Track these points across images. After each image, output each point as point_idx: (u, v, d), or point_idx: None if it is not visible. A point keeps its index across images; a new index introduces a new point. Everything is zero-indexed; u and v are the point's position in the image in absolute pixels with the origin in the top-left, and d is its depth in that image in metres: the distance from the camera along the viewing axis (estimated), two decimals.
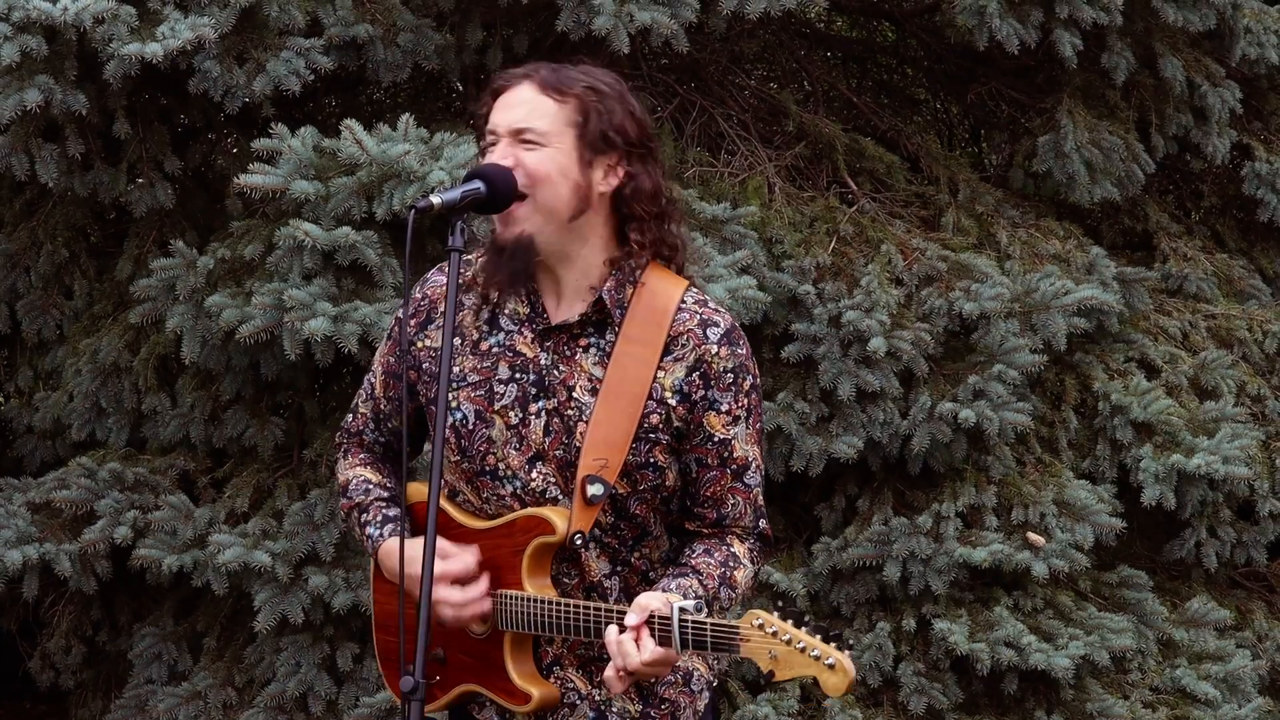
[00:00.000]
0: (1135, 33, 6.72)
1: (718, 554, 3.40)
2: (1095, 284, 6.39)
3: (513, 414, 3.38)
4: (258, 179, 5.63)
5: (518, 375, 3.39)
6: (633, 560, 3.43)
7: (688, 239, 3.51)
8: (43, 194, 6.40)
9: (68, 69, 5.70)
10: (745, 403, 3.40)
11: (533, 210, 3.32)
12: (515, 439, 3.38)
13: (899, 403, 6.10)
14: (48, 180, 5.95)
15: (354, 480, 3.59)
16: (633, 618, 3.19)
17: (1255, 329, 6.91)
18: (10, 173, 5.95)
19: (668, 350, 3.36)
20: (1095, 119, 6.72)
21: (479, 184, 3.29)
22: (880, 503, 6.19)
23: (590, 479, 3.31)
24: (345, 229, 5.53)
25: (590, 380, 3.36)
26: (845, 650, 3.07)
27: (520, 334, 3.40)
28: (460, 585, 3.36)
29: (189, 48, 5.63)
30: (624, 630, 3.19)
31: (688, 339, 3.36)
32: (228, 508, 6.00)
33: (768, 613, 3.11)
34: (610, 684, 3.24)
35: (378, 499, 3.54)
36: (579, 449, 3.33)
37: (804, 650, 3.08)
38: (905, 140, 7.07)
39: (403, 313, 3.45)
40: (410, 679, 3.11)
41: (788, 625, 3.09)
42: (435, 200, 3.24)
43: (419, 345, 3.48)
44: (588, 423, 3.34)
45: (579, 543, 3.34)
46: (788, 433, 5.99)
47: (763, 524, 3.47)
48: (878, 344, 5.94)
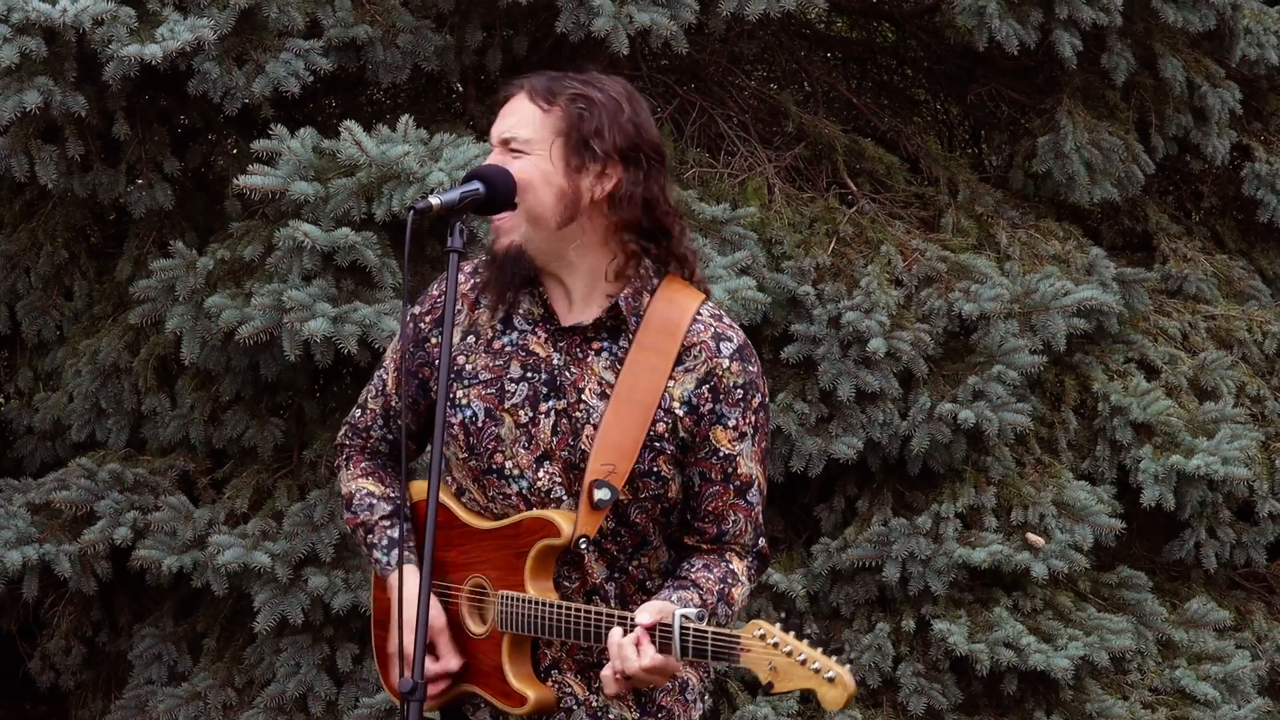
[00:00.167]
0: (1135, 33, 6.72)
1: (716, 570, 3.39)
2: (1095, 285, 6.39)
3: (522, 413, 3.38)
4: (257, 180, 5.62)
5: (529, 374, 3.39)
6: (630, 568, 3.42)
7: (698, 252, 3.51)
8: (42, 195, 6.39)
9: (67, 70, 5.70)
10: (753, 420, 3.39)
11: (520, 218, 3.32)
12: (524, 438, 3.37)
13: (898, 403, 6.10)
14: (47, 181, 5.94)
15: (357, 495, 3.58)
16: (645, 616, 3.19)
17: (1255, 330, 6.91)
18: (10, 174, 5.94)
19: (680, 360, 3.35)
20: (1095, 119, 6.72)
21: (478, 185, 3.29)
22: (880, 503, 6.19)
23: (598, 484, 3.31)
24: (345, 230, 5.53)
25: (600, 384, 3.36)
26: (846, 665, 3.07)
27: (534, 334, 3.40)
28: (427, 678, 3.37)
29: (188, 49, 5.63)
30: (633, 628, 3.18)
31: (700, 351, 3.36)
32: (227, 508, 6.00)
33: (769, 624, 3.11)
34: (605, 683, 3.24)
35: (382, 517, 3.53)
36: (584, 451, 3.33)
37: (804, 663, 3.08)
38: (905, 141, 7.07)
39: (403, 313, 3.45)
40: (409, 679, 3.11)
41: (789, 637, 3.09)
42: (434, 201, 3.24)
43: (433, 342, 3.47)
44: (595, 425, 3.33)
45: (583, 546, 3.33)
46: (787, 433, 5.99)
47: (761, 542, 3.47)
48: (877, 345, 5.94)
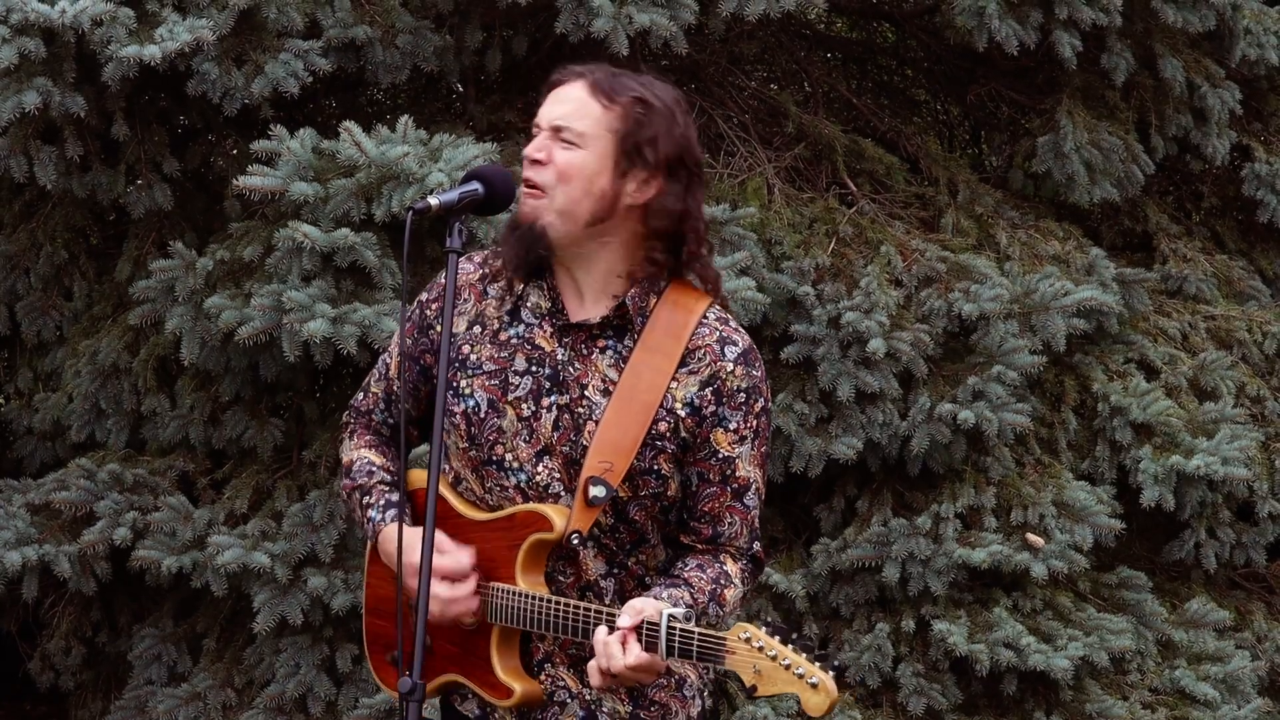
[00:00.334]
0: (1135, 33, 6.72)
1: (710, 570, 3.39)
2: (1095, 285, 6.39)
3: (525, 406, 3.38)
4: (257, 181, 5.63)
5: (534, 368, 3.39)
6: (629, 565, 3.43)
7: (717, 272, 3.49)
8: (42, 196, 6.39)
9: (66, 71, 5.70)
10: (754, 424, 3.40)
11: (550, 207, 3.32)
12: (525, 431, 3.38)
13: (898, 404, 6.10)
14: (46, 182, 5.95)
15: (358, 461, 3.59)
16: (625, 620, 3.19)
17: (1255, 330, 6.91)
18: (9, 175, 5.95)
19: (684, 362, 3.36)
20: (1095, 120, 6.72)
21: (477, 185, 3.30)
22: (879, 504, 6.19)
23: (593, 480, 3.32)
24: (344, 231, 5.53)
25: (604, 381, 3.36)
26: (830, 670, 3.06)
27: (540, 328, 3.41)
28: (450, 582, 3.36)
29: (187, 50, 5.63)
30: (614, 631, 3.19)
31: (704, 354, 3.36)
32: (227, 509, 6.00)
33: (756, 627, 3.10)
34: (591, 676, 3.24)
35: (380, 482, 3.54)
36: (585, 447, 3.34)
37: (788, 667, 3.08)
38: (905, 141, 7.07)
39: (402, 313, 3.45)
40: (408, 680, 3.11)
41: (774, 641, 3.08)
42: (433, 202, 3.25)
43: (438, 329, 3.47)
44: (596, 422, 3.34)
45: (575, 542, 3.34)
46: (787, 434, 5.99)
47: (756, 546, 3.47)
48: (877, 345, 5.94)
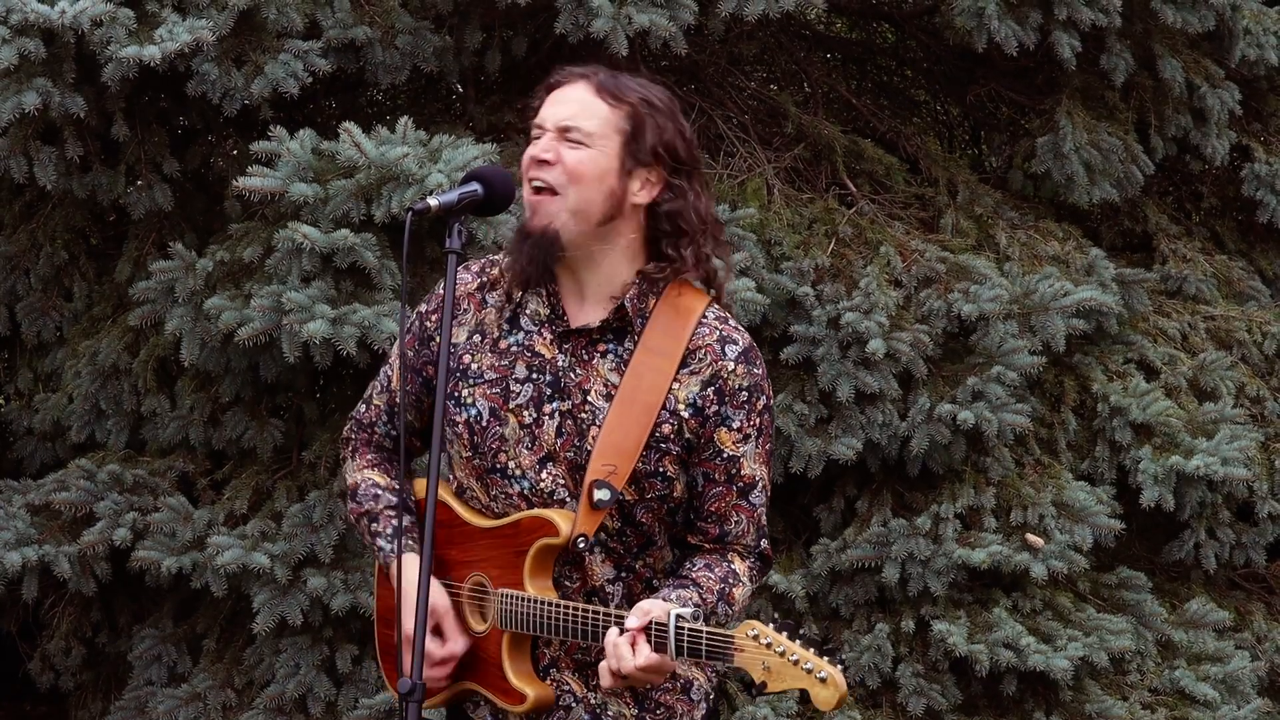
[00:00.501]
0: (1134, 34, 6.72)
1: (718, 569, 3.40)
2: (1094, 285, 6.39)
3: (527, 413, 3.38)
4: (256, 181, 5.63)
5: (534, 375, 3.39)
6: (637, 567, 3.43)
7: (730, 265, 3.50)
8: (42, 196, 6.39)
9: (66, 71, 5.70)
10: (757, 422, 3.41)
11: (563, 207, 3.32)
12: (528, 438, 3.38)
13: (898, 404, 6.10)
14: (46, 183, 5.95)
15: (363, 485, 3.58)
16: (633, 621, 3.20)
17: (1254, 330, 6.90)
18: (9, 175, 5.95)
19: (684, 363, 3.36)
20: (1094, 120, 6.72)
21: (476, 186, 3.30)
22: (879, 504, 6.19)
23: (598, 484, 3.32)
24: (344, 231, 5.53)
25: (606, 385, 3.37)
26: (838, 665, 3.07)
27: (540, 335, 3.41)
28: (434, 664, 3.40)
29: (187, 50, 5.63)
30: (624, 633, 3.19)
31: (705, 353, 3.37)
32: (227, 509, 6.00)
33: (763, 624, 3.11)
34: (601, 677, 3.25)
35: (387, 506, 3.54)
36: (588, 452, 3.34)
37: (797, 663, 3.08)
38: (904, 142, 7.07)
39: (401, 314, 3.46)
40: (408, 680, 3.11)
41: (782, 637, 3.09)
42: (432, 203, 3.25)
43: (438, 340, 3.46)
44: (599, 426, 3.34)
45: (581, 546, 3.34)
46: (787, 434, 5.99)
47: (764, 544, 3.49)
48: (876, 345, 5.94)
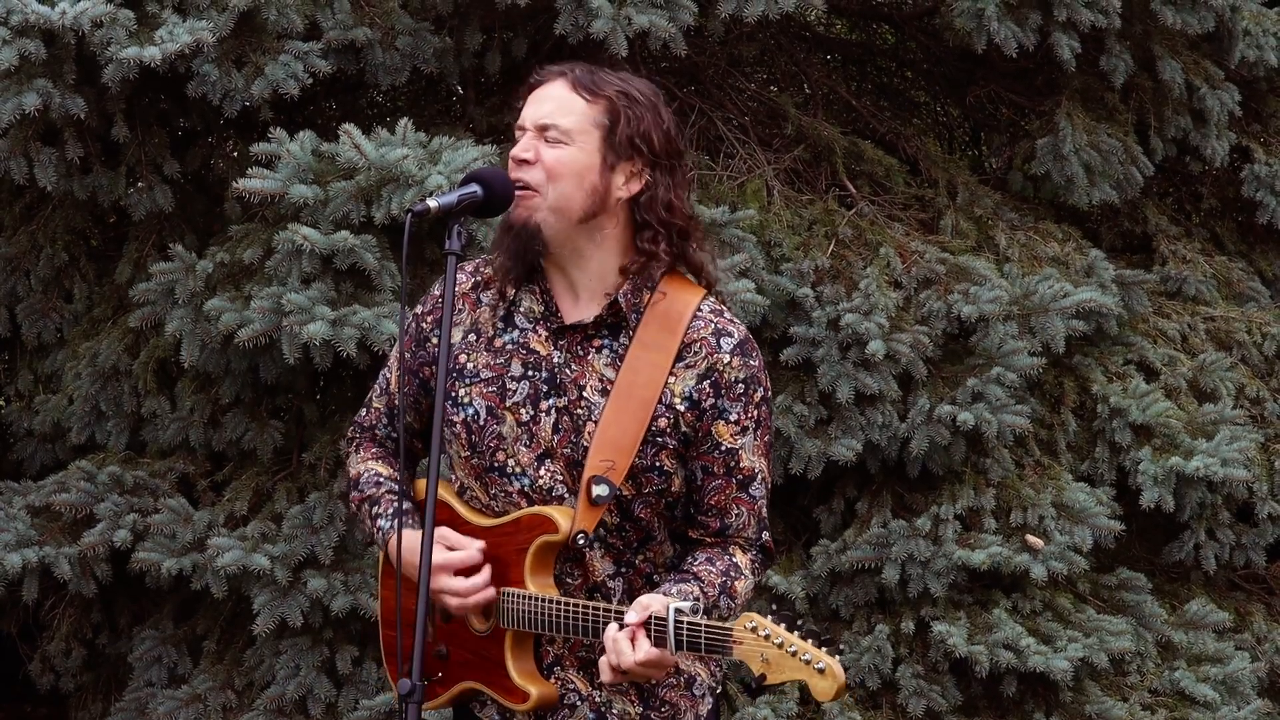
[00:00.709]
0: (1134, 35, 6.72)
1: (719, 563, 3.40)
2: (1094, 286, 6.39)
3: (524, 411, 3.39)
4: (256, 183, 5.63)
5: (530, 372, 3.40)
6: (637, 563, 3.44)
7: (715, 256, 3.51)
8: (42, 197, 6.40)
9: (66, 73, 5.71)
10: (755, 414, 3.41)
11: (544, 204, 3.33)
12: (525, 436, 3.39)
13: (898, 405, 6.10)
14: (46, 184, 5.95)
15: (366, 474, 3.60)
16: (633, 616, 3.20)
17: (1254, 331, 6.91)
18: (9, 176, 5.95)
19: (680, 356, 3.37)
20: (1094, 121, 6.72)
21: (476, 188, 3.31)
22: (879, 505, 6.19)
23: (596, 479, 3.32)
24: (344, 233, 5.54)
25: (601, 380, 3.37)
26: (836, 655, 3.07)
27: (535, 332, 3.42)
28: (465, 575, 3.37)
29: (187, 51, 5.64)
30: (623, 628, 3.20)
31: (701, 346, 3.37)
32: (227, 511, 6.00)
33: (761, 616, 3.11)
34: (601, 672, 3.26)
35: (389, 491, 3.55)
36: (586, 448, 3.34)
37: (795, 654, 3.08)
38: (904, 143, 7.07)
39: (401, 315, 3.46)
40: (407, 681, 3.12)
41: (780, 629, 3.10)
42: (432, 204, 3.26)
43: (434, 341, 3.48)
44: (596, 422, 3.35)
45: (581, 542, 3.35)
46: (787, 435, 5.99)
47: (765, 536, 3.49)
48: (876, 347, 5.94)
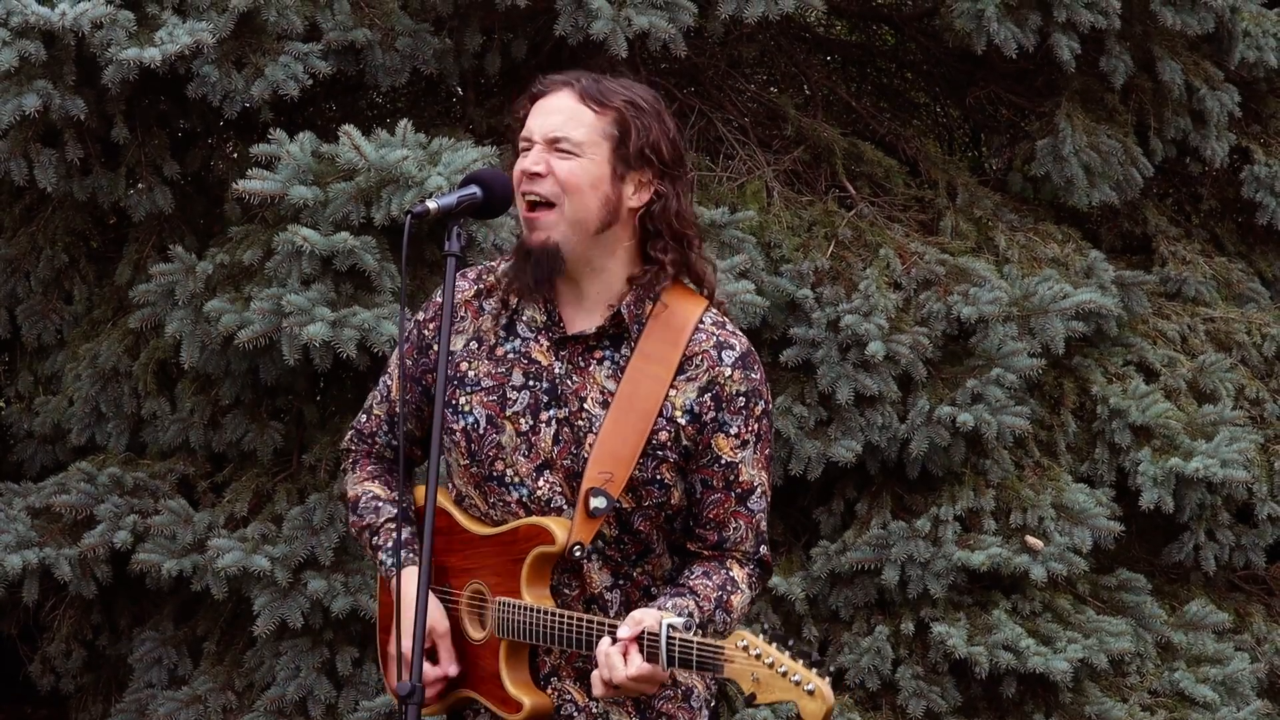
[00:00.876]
0: (1134, 36, 6.72)
1: (716, 577, 3.39)
2: (1094, 287, 6.39)
3: (524, 421, 3.38)
4: (256, 184, 5.63)
5: (531, 382, 3.39)
6: (635, 575, 3.43)
7: (714, 264, 3.51)
8: (42, 199, 6.40)
9: (66, 74, 5.71)
10: (755, 428, 3.40)
11: (560, 219, 3.32)
12: (525, 446, 3.38)
13: (897, 406, 6.10)
14: (46, 185, 5.95)
15: (364, 497, 3.58)
16: (625, 630, 3.20)
17: (1254, 332, 6.91)
18: (9, 178, 5.96)
19: (681, 369, 3.36)
20: (1094, 122, 6.72)
21: (475, 189, 3.30)
22: (879, 506, 6.19)
23: (594, 491, 3.32)
24: (344, 234, 5.54)
25: (602, 392, 3.36)
26: (826, 677, 3.07)
27: (536, 342, 3.41)
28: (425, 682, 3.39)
29: (187, 52, 5.64)
30: (616, 642, 3.19)
31: (702, 359, 3.36)
32: (227, 512, 6.00)
33: (753, 634, 3.11)
34: (594, 686, 3.25)
35: (388, 520, 3.54)
36: (586, 460, 3.33)
37: (785, 675, 3.08)
38: (904, 144, 7.07)
39: (401, 316, 3.46)
40: (407, 683, 3.11)
41: (771, 648, 3.09)
42: (432, 206, 3.25)
43: (435, 349, 3.47)
44: (596, 434, 3.34)
45: (578, 554, 3.34)
46: (786, 436, 5.99)
47: (763, 550, 3.47)
48: (876, 348, 5.95)
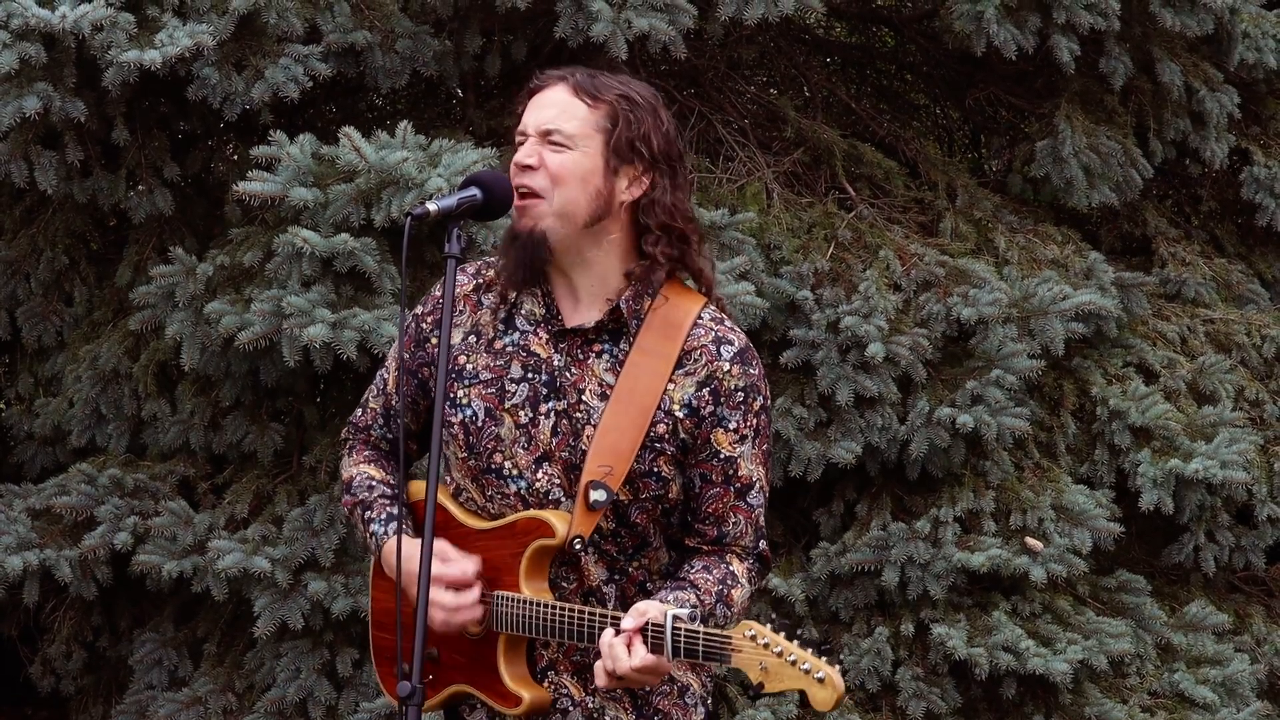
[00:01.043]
0: (1133, 38, 6.72)
1: (716, 571, 3.40)
2: (1093, 289, 6.39)
3: (522, 413, 3.39)
4: (256, 186, 5.64)
5: (530, 375, 3.40)
6: (630, 570, 3.43)
7: (713, 260, 3.51)
8: (42, 201, 6.41)
9: (66, 76, 5.71)
10: (754, 423, 3.40)
11: (549, 210, 3.33)
12: (524, 438, 3.39)
13: (897, 408, 6.10)
14: (47, 187, 5.96)
15: (358, 477, 3.59)
16: (629, 621, 3.20)
17: (1253, 333, 6.91)
18: (9, 180, 5.96)
19: (680, 364, 3.37)
20: (1093, 124, 6.72)
21: (475, 191, 3.31)
22: (879, 508, 6.19)
23: (593, 484, 3.32)
24: (344, 236, 5.54)
25: (601, 385, 3.37)
26: (836, 665, 3.07)
27: (535, 334, 3.42)
28: (455, 590, 3.36)
29: (188, 55, 5.65)
30: (619, 634, 3.20)
31: (701, 354, 3.37)
32: (227, 514, 6.01)
33: (760, 624, 3.11)
34: (596, 677, 3.25)
35: (381, 495, 3.55)
36: (584, 452, 3.34)
37: (794, 663, 3.08)
38: (903, 146, 7.08)
39: (401, 317, 3.46)
40: (407, 684, 3.12)
41: (779, 637, 3.09)
42: (432, 207, 3.26)
43: (433, 342, 3.48)
44: (594, 426, 3.34)
45: (578, 547, 3.34)
46: (786, 438, 6.00)
47: (762, 545, 3.47)
48: (876, 349, 5.95)
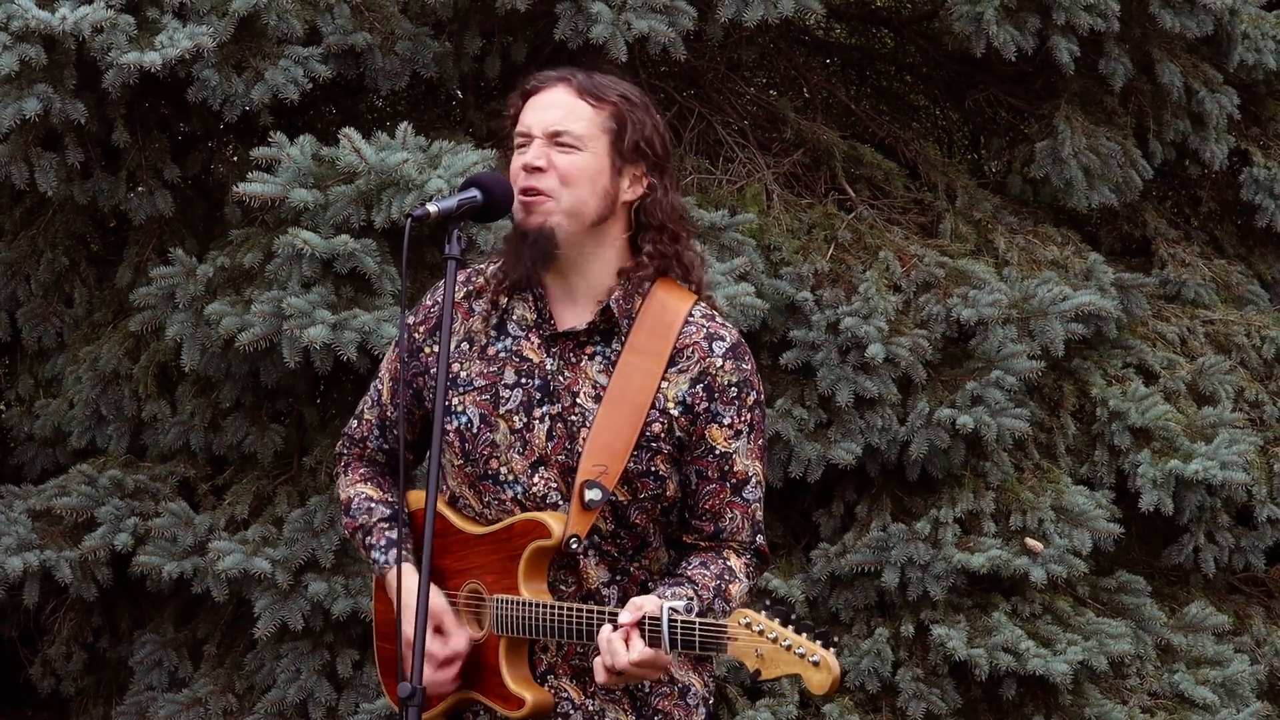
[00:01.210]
0: (1133, 39, 6.72)
1: (714, 566, 3.40)
2: (1093, 290, 6.39)
3: (517, 418, 3.39)
4: (257, 187, 5.64)
5: (523, 380, 3.40)
6: (632, 570, 3.44)
7: (704, 257, 3.52)
8: (42, 202, 6.41)
9: (67, 78, 5.72)
10: (748, 418, 3.41)
11: (559, 209, 3.34)
12: (519, 443, 3.39)
13: (897, 409, 6.11)
14: (47, 189, 5.96)
15: (356, 499, 3.59)
16: (626, 616, 3.20)
17: (1253, 334, 6.91)
18: (10, 181, 5.97)
19: (672, 361, 3.37)
20: (1093, 125, 6.72)
21: (476, 192, 3.31)
22: (878, 509, 6.20)
23: (588, 484, 3.33)
24: (344, 237, 5.55)
25: (595, 387, 3.37)
26: (831, 648, 3.06)
27: (527, 339, 3.42)
28: (437, 664, 3.40)
29: (188, 56, 5.65)
30: (617, 628, 3.20)
31: (693, 351, 3.38)
32: (228, 515, 6.01)
33: (755, 611, 3.11)
34: (596, 673, 3.25)
35: (380, 520, 3.55)
36: (580, 454, 3.34)
37: (789, 648, 3.07)
38: (903, 147, 7.08)
39: (401, 319, 3.46)
40: (408, 685, 3.12)
41: (774, 624, 3.09)
42: (432, 209, 3.26)
43: (427, 351, 3.49)
44: (589, 428, 3.35)
45: (575, 547, 3.34)
46: (786, 439, 5.99)
47: (760, 540, 3.48)
48: (876, 350, 5.95)
